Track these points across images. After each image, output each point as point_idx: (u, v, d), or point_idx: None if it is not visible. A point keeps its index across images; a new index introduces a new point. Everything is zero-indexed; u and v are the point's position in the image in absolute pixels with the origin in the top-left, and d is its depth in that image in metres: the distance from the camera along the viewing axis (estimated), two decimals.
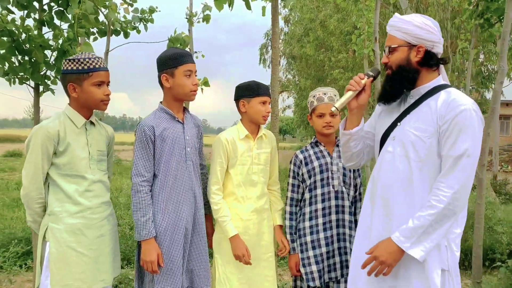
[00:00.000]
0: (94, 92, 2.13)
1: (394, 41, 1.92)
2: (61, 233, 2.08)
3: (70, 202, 2.10)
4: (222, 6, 3.25)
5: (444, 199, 1.71)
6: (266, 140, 2.63)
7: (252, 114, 2.52)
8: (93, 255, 2.15)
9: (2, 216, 6.75)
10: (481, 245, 3.72)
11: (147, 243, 2.22)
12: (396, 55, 1.91)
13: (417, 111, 1.90)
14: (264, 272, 2.54)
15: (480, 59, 13.35)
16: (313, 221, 2.52)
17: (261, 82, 2.57)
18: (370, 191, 2.03)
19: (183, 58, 2.28)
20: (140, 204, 2.23)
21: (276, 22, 3.32)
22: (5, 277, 4.23)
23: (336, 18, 15.56)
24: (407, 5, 4.90)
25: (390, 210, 1.88)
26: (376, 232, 1.92)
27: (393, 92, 1.95)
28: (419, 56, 1.88)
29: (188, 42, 4.18)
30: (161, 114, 2.33)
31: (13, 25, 2.92)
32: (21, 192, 2.13)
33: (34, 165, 2.07)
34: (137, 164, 2.26)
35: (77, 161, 2.13)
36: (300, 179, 2.60)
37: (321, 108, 2.52)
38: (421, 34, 1.87)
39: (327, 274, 2.51)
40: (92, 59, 2.12)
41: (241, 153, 2.52)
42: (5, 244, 4.87)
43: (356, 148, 2.12)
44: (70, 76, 2.11)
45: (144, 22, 4.15)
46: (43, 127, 2.07)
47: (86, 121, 2.20)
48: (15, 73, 3.06)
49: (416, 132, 1.85)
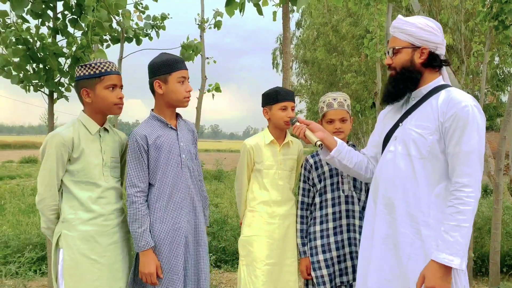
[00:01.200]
0: (107, 96, 2.15)
1: (398, 42, 1.95)
2: (74, 240, 2.08)
3: (83, 209, 2.10)
4: (233, 12, 3.25)
5: (469, 200, 1.72)
6: (293, 147, 2.67)
7: (274, 120, 2.57)
8: (107, 262, 2.14)
9: (18, 222, 6.84)
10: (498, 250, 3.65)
11: (145, 255, 2.16)
12: (400, 56, 1.94)
13: (418, 110, 1.93)
14: (287, 277, 2.56)
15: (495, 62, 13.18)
16: (324, 225, 2.51)
17: (282, 88, 2.61)
18: (373, 191, 2.04)
19: (176, 64, 2.23)
20: (136, 215, 2.17)
21: (287, 27, 3.32)
22: (20, 282, 4.28)
23: (348, 22, 15.55)
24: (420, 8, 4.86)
25: (393, 208, 1.89)
26: (379, 232, 1.92)
27: (397, 92, 1.98)
28: (423, 57, 1.92)
29: (200, 49, 4.20)
30: (154, 122, 2.27)
31: (27, 33, 2.96)
32: (36, 198, 2.14)
33: (49, 172, 2.08)
34: (131, 175, 2.19)
35: (90, 168, 2.13)
36: (310, 183, 2.59)
37: (331, 114, 2.52)
38: (425, 36, 1.90)
39: (339, 278, 2.50)
40: (103, 64, 2.15)
41: (266, 158, 2.57)
42: (21, 250, 4.93)
43: (352, 163, 2.17)
44: (83, 81, 2.14)
45: (156, 29, 4.18)
46: (57, 135, 2.08)
47: (100, 127, 2.21)
48: (29, 80, 3.10)
49: (417, 129, 1.87)
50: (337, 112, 2.50)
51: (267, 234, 2.53)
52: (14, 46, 2.95)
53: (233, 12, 3.26)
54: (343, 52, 16.60)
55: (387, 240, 1.91)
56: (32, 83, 3.15)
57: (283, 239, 2.56)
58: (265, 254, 2.51)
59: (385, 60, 2.04)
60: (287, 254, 2.57)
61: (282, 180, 2.59)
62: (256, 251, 2.52)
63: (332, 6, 16.19)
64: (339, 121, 2.51)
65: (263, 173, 2.57)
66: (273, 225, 2.54)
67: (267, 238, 2.52)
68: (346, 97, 2.57)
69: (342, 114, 2.51)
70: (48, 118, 3.35)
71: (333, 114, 2.51)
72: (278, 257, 2.53)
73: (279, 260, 2.53)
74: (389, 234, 1.88)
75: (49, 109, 3.31)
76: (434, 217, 1.81)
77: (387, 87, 2.01)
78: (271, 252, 2.52)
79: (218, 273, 4.76)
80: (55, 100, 3.30)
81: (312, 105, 21.20)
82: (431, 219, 1.81)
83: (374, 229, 1.96)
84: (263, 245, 2.52)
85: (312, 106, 21.12)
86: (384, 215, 1.92)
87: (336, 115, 2.50)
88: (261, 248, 2.52)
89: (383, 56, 6.40)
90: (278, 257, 2.53)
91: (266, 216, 2.55)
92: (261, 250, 2.52)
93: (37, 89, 3.19)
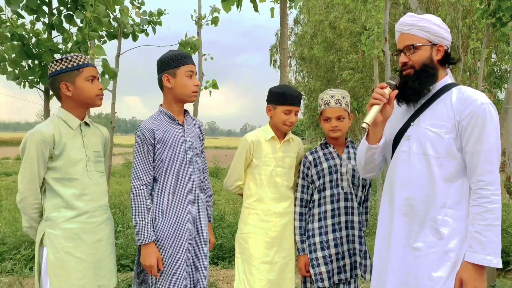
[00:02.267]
0: (88, 87, 2.13)
1: (416, 39, 1.90)
2: (58, 239, 2.04)
3: (66, 207, 2.07)
4: (229, 8, 3.23)
5: (495, 198, 1.72)
6: (293, 144, 2.64)
7: (275, 120, 2.54)
8: (92, 260, 2.12)
9: (14, 219, 6.80)
10: None
11: (146, 247, 2.19)
12: (419, 53, 1.90)
13: (431, 109, 1.89)
14: (283, 275, 2.54)
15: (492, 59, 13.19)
16: (322, 222, 2.50)
17: (292, 90, 2.54)
18: (387, 193, 2.00)
19: (185, 59, 2.28)
20: (139, 208, 2.20)
21: (284, 23, 3.30)
22: (15, 279, 4.26)
23: (346, 19, 15.52)
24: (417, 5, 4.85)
25: (411, 209, 1.87)
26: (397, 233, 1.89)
27: (422, 90, 1.91)
28: (440, 55, 1.90)
29: (198, 46, 4.17)
30: (161, 117, 2.30)
31: (23, 29, 2.94)
32: (17, 197, 2.09)
33: (30, 170, 2.03)
34: (136, 167, 2.23)
35: (73, 164, 2.10)
36: (309, 180, 2.58)
37: (328, 112, 2.50)
38: (442, 33, 1.89)
39: (337, 275, 2.49)
40: (79, 57, 2.14)
41: (265, 154, 2.54)
42: (17, 247, 4.91)
43: (379, 160, 2.11)
44: (62, 76, 2.11)
45: (153, 24, 4.15)
46: (37, 132, 2.04)
47: (80, 122, 2.18)
48: (25, 76, 3.08)
49: (433, 129, 1.84)
50: (333, 110, 2.48)
51: (263, 231, 2.51)
52: (9, 42, 2.92)
53: (229, 8, 3.24)
54: (341, 49, 16.58)
55: (406, 241, 1.88)
56: (27, 79, 3.13)
57: (279, 237, 2.54)
58: (261, 252, 2.50)
59: (400, 58, 1.96)
60: (284, 252, 2.55)
61: (280, 177, 2.56)
62: (252, 248, 2.51)
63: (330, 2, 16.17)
64: (336, 119, 2.48)
65: (260, 169, 2.54)
66: (269, 222, 2.52)
67: (263, 236, 2.51)
68: (344, 94, 2.54)
69: (339, 112, 2.49)
70: (44, 114, 3.32)
71: (330, 112, 2.49)
72: (275, 255, 2.52)
73: (276, 258, 2.52)
74: (408, 235, 1.86)
75: (45, 105, 3.28)
76: (452, 216, 1.79)
77: (410, 85, 1.91)
78: (267, 250, 2.51)
79: (215, 270, 4.75)
80: (51, 97, 3.27)
81: (309, 102, 21.19)
82: (449, 218, 1.79)
83: (391, 230, 1.92)
84: (258, 243, 2.51)
85: (310, 103, 21.10)
86: (402, 216, 1.89)
87: (332, 113, 2.48)
88: (257, 245, 2.51)
89: (380, 53, 6.38)
90: (275, 255, 2.52)
91: (262, 213, 2.53)
92: (257, 248, 2.50)
93: (32, 86, 3.17)
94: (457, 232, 1.77)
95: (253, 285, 2.46)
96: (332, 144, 2.58)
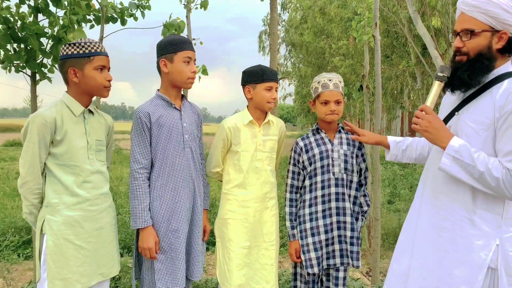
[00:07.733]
0: (96, 77, 2.09)
1: (475, 24, 1.70)
2: (59, 226, 2.03)
3: (67, 194, 2.05)
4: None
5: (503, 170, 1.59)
6: (274, 127, 2.59)
7: (257, 100, 2.48)
8: (92, 248, 2.11)
9: (3, 205, 6.76)
10: None
11: (145, 230, 2.22)
12: (477, 40, 1.70)
13: (477, 100, 1.73)
14: (263, 261, 2.52)
15: None
16: (313, 208, 2.50)
17: (267, 67, 2.51)
18: (423, 179, 1.96)
19: (183, 44, 2.26)
20: (137, 191, 2.22)
21: (274, 7, 3.27)
22: (3, 266, 4.24)
23: (337, 4, 15.44)
24: None
25: (439, 201, 1.81)
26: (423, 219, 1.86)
27: (470, 82, 1.73)
28: (501, 43, 1.68)
29: (183, 27, 4.09)
30: (158, 101, 2.31)
31: (7, 12, 2.86)
32: (18, 182, 2.07)
33: (32, 154, 2.01)
34: (134, 151, 2.26)
35: (75, 151, 2.08)
36: (300, 166, 2.57)
37: (326, 95, 2.46)
38: (508, 19, 1.66)
39: (326, 261, 2.50)
40: (93, 43, 2.09)
41: (244, 140, 2.49)
42: (5, 233, 4.88)
43: (413, 159, 2.19)
44: (71, 61, 2.07)
45: (142, 9, 4.07)
46: (39, 115, 2.01)
47: (84, 109, 2.15)
48: (10, 61, 3.01)
49: (472, 124, 1.71)
50: (332, 93, 2.45)
51: (242, 217, 2.48)
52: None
53: None
54: (331, 35, 16.53)
55: (430, 228, 1.83)
56: (13, 64, 3.06)
57: (259, 222, 2.51)
58: (240, 237, 2.47)
59: (454, 42, 1.77)
60: (264, 238, 2.52)
61: (260, 161, 2.51)
62: (231, 233, 2.49)
63: None
64: (334, 103, 2.46)
65: (240, 155, 2.49)
66: (248, 208, 2.49)
67: (241, 222, 2.48)
68: (340, 79, 2.53)
69: (337, 95, 2.47)
70: (31, 100, 3.26)
71: (329, 95, 2.46)
72: (254, 240, 2.49)
73: (255, 244, 2.49)
74: (433, 222, 1.81)
75: (32, 90, 3.22)
76: (480, 216, 1.69)
77: (460, 74, 1.75)
78: (246, 235, 2.48)
79: (206, 255, 4.77)
80: (38, 82, 3.21)
81: (300, 88, 21.17)
82: (476, 218, 1.70)
83: (419, 215, 1.88)
84: (237, 228, 2.48)
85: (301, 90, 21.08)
86: (429, 202, 1.85)
87: (331, 97, 2.45)
88: (235, 231, 2.48)
89: (371, 39, 6.35)
90: (254, 240, 2.49)
91: (241, 199, 2.50)
92: (236, 233, 2.48)
93: (18, 70, 3.10)
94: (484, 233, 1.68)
95: (231, 269, 2.44)
96: (324, 129, 2.57)
